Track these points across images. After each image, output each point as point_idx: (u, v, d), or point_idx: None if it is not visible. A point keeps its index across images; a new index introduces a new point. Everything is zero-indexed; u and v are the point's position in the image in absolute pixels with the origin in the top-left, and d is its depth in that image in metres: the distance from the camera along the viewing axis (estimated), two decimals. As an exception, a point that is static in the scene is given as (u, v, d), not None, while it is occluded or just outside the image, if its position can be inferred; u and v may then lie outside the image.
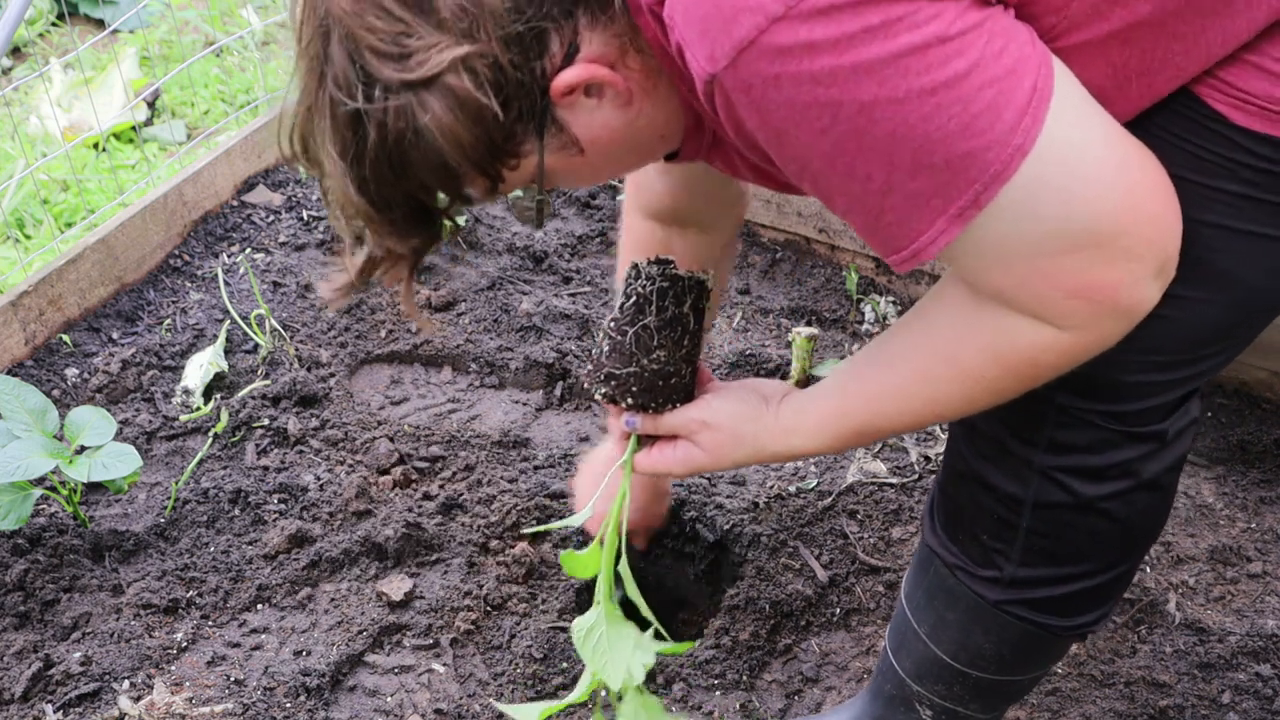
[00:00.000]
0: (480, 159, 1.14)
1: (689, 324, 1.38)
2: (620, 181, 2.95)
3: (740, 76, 1.03)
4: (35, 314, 2.44)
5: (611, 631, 1.44)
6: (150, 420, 2.33)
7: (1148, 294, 1.12)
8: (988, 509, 1.37)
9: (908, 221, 1.08)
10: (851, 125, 1.03)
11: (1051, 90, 1.04)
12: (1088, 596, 1.42)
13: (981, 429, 1.34)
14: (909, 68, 1.00)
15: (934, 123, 1.01)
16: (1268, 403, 2.34)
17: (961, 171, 1.04)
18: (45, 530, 2.08)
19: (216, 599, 2.00)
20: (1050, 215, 1.06)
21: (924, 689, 1.58)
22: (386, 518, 2.11)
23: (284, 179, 2.94)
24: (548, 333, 2.53)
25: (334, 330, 2.52)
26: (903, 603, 1.58)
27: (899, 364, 1.27)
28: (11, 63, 3.66)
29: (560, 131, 1.17)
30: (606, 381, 1.40)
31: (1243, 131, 1.11)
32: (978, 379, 1.20)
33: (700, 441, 1.40)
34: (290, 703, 1.84)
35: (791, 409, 1.36)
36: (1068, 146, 1.05)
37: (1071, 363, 1.17)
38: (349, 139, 1.13)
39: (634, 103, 1.18)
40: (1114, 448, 1.28)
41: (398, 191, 1.16)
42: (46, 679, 1.87)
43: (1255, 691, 1.88)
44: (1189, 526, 2.13)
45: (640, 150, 1.27)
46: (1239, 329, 1.25)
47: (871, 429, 1.31)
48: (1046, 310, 1.12)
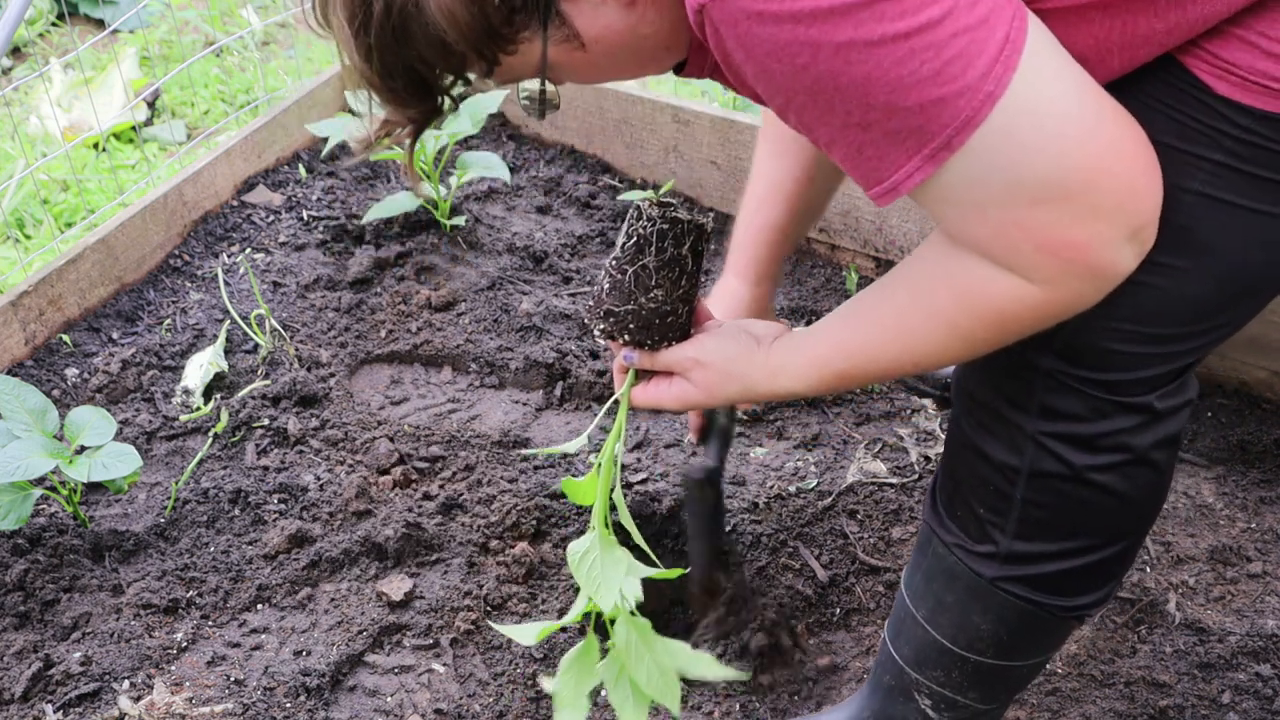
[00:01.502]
0: (476, 40, 1.20)
1: (687, 265, 1.42)
2: (620, 182, 2.95)
3: (726, 9, 1.09)
4: (35, 314, 2.44)
5: (605, 556, 1.49)
6: (150, 420, 2.33)
7: (1120, 257, 1.14)
8: (984, 479, 1.40)
9: (885, 157, 1.13)
10: (829, 65, 1.07)
11: (1024, 42, 1.08)
12: (1084, 575, 1.43)
13: (978, 397, 1.37)
14: (884, 13, 1.04)
15: (906, 67, 1.06)
16: (1268, 403, 2.34)
17: (935, 116, 1.08)
18: (45, 530, 2.08)
19: (216, 599, 2.00)
20: (1020, 163, 1.10)
21: (922, 676, 1.58)
22: (386, 518, 2.11)
23: (284, 179, 2.94)
24: (548, 333, 2.53)
25: (334, 330, 2.53)
26: (901, 590, 1.59)
27: (880, 310, 1.31)
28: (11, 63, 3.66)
29: (563, 24, 1.22)
30: (605, 318, 1.45)
31: (1225, 101, 1.13)
32: (951, 326, 1.23)
33: (693, 378, 1.44)
34: (290, 703, 1.84)
35: (781, 350, 1.40)
36: (1039, 98, 1.08)
37: (1043, 318, 1.20)
38: (357, 9, 1.20)
39: (637, 6, 1.23)
40: (1103, 416, 1.30)
41: (399, 62, 1.22)
42: (46, 679, 1.87)
43: (1255, 691, 1.88)
44: (1189, 526, 2.13)
45: (643, 56, 1.31)
46: (1224, 306, 1.26)
47: (855, 372, 1.35)
48: (1017, 262, 1.15)
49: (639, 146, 2.92)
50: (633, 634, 1.51)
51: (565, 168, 3.01)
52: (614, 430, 1.50)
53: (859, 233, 2.69)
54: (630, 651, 1.51)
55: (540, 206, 2.90)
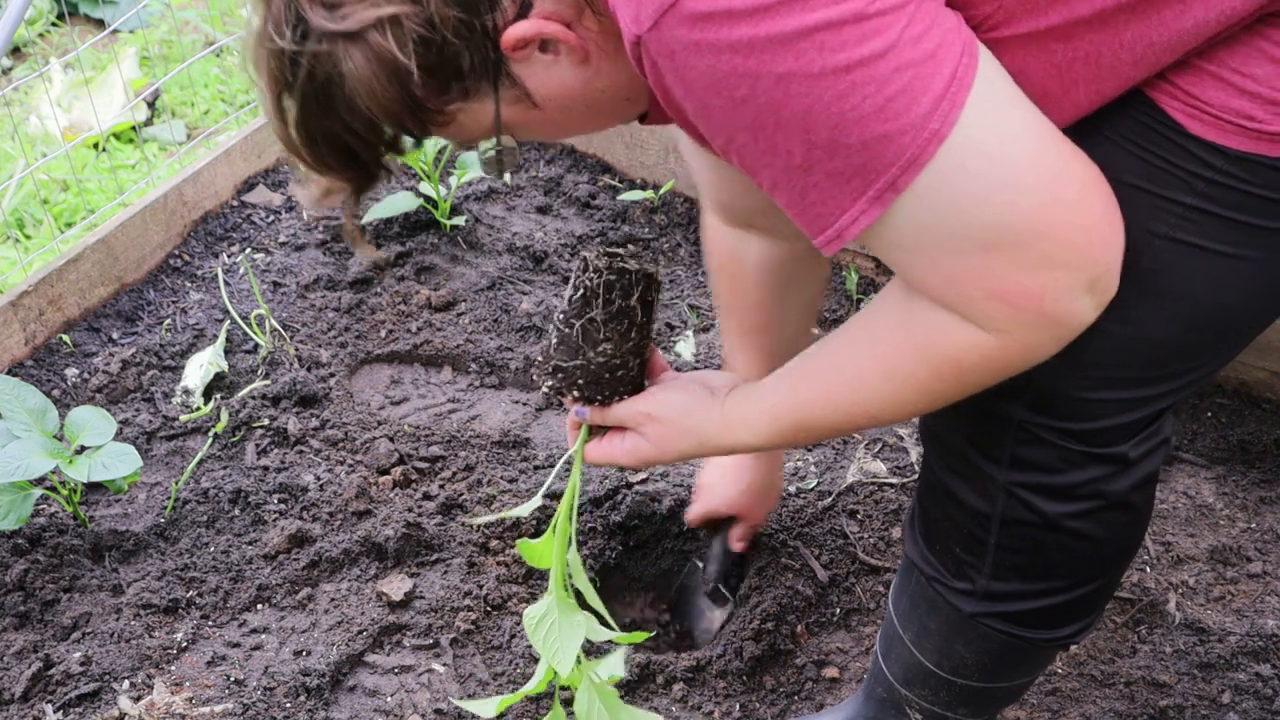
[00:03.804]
0: (398, 114, 1.17)
1: (636, 316, 1.38)
2: (620, 182, 2.95)
3: (663, 40, 1.04)
4: (35, 314, 2.44)
5: (563, 620, 1.44)
6: (150, 420, 2.33)
7: (1077, 307, 1.10)
8: (958, 522, 1.36)
9: (829, 201, 1.08)
10: (769, 98, 1.03)
11: (973, 79, 1.04)
12: (1065, 610, 1.40)
13: (947, 442, 1.34)
14: (824, 43, 1.00)
15: (848, 101, 1.02)
16: (1268, 403, 2.34)
17: (878, 154, 1.04)
18: (45, 530, 2.08)
19: (216, 599, 2.00)
20: (969, 208, 1.05)
21: (912, 694, 1.57)
22: (386, 518, 2.11)
23: (284, 179, 2.94)
24: (548, 333, 2.53)
25: (334, 330, 2.52)
26: (890, 608, 1.57)
27: (834, 362, 1.27)
28: (11, 63, 3.66)
29: (514, 85, 1.19)
30: (554, 374, 1.41)
31: (1199, 142, 1.09)
32: (905, 377, 1.19)
33: (646, 433, 1.40)
34: (290, 703, 1.84)
35: (736, 402, 1.36)
36: (988, 138, 1.04)
37: (999, 369, 1.15)
38: (279, 74, 1.17)
39: (591, 61, 1.19)
40: (1076, 467, 1.26)
41: (321, 131, 1.19)
42: (46, 679, 1.87)
43: (1255, 691, 1.88)
44: (1189, 526, 2.13)
45: (602, 110, 1.27)
46: (1199, 351, 1.22)
47: (809, 424, 1.31)
48: (970, 310, 1.11)
49: (639, 146, 2.92)
50: (595, 701, 1.47)
51: (565, 168, 3.01)
52: (568, 490, 1.46)
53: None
54: None
55: (540, 206, 2.90)
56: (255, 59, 1.19)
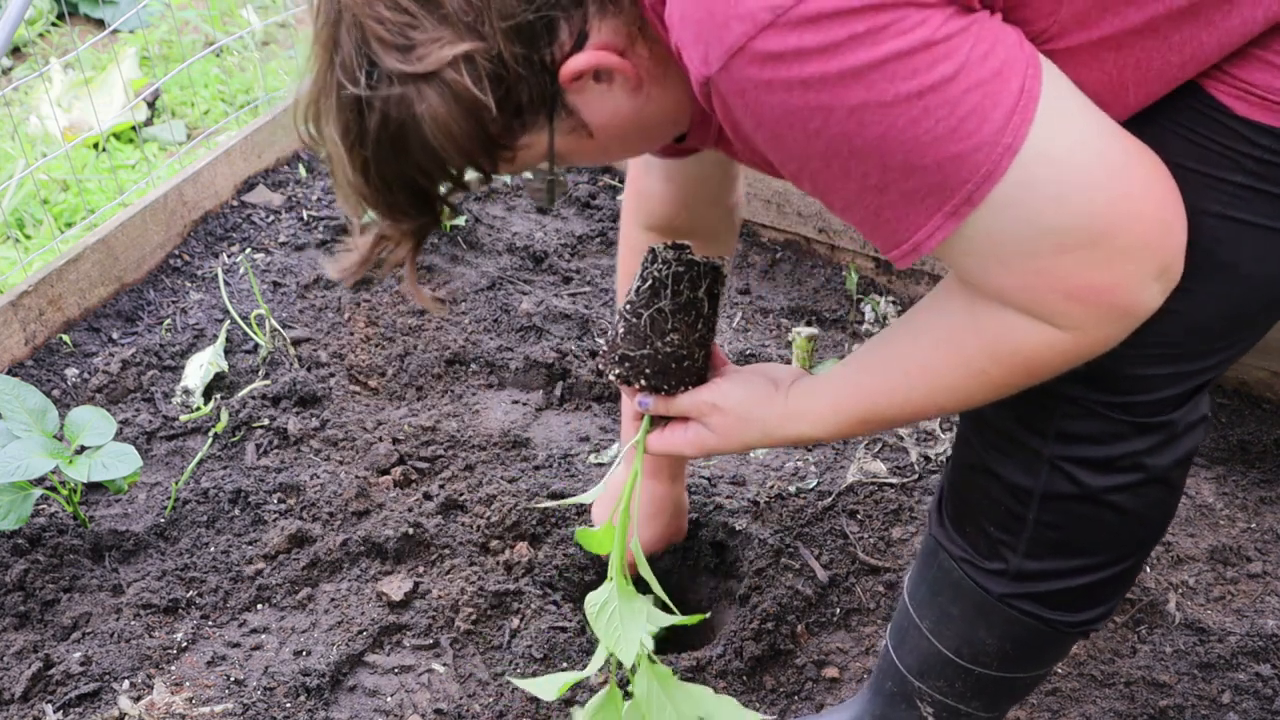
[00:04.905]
0: (473, 152, 1.19)
1: (703, 308, 1.40)
2: (620, 182, 2.95)
3: (733, 80, 1.06)
4: (35, 314, 2.44)
5: (624, 606, 1.46)
6: (150, 420, 2.33)
7: (1147, 296, 1.13)
8: (996, 500, 1.38)
9: (904, 218, 1.11)
10: (842, 129, 1.05)
11: (1040, 91, 1.06)
12: (1092, 591, 1.43)
13: (990, 420, 1.36)
14: (895, 72, 1.02)
15: (922, 125, 1.04)
16: (1268, 403, 2.34)
17: (953, 172, 1.06)
18: (45, 530, 2.08)
19: (216, 599, 2.00)
20: (1043, 213, 1.08)
21: (925, 685, 1.58)
22: (386, 518, 2.11)
23: (284, 179, 2.94)
24: (548, 333, 2.53)
25: (334, 330, 2.52)
26: (905, 599, 1.58)
27: (904, 358, 1.29)
28: (11, 63, 3.66)
29: (570, 115, 1.21)
30: (621, 363, 1.43)
31: (1245, 122, 1.12)
32: (977, 375, 1.22)
33: (710, 424, 1.43)
34: (290, 703, 1.84)
35: (799, 395, 1.38)
36: (1058, 146, 1.07)
37: (1071, 363, 1.18)
38: (352, 122, 1.17)
39: (643, 88, 1.22)
40: (1122, 439, 1.29)
41: (396, 175, 1.20)
42: (46, 679, 1.87)
43: (1255, 691, 1.88)
44: (1189, 526, 2.13)
45: (650, 133, 1.30)
46: (1247, 322, 1.26)
47: (874, 418, 1.33)
48: (1045, 311, 1.13)
49: (639, 146, 2.92)
50: (653, 683, 1.49)
51: (565, 167, 3.01)
52: (630, 479, 1.47)
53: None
54: (651, 701, 1.49)
55: (540, 206, 2.90)
56: (320, 111, 1.19)
